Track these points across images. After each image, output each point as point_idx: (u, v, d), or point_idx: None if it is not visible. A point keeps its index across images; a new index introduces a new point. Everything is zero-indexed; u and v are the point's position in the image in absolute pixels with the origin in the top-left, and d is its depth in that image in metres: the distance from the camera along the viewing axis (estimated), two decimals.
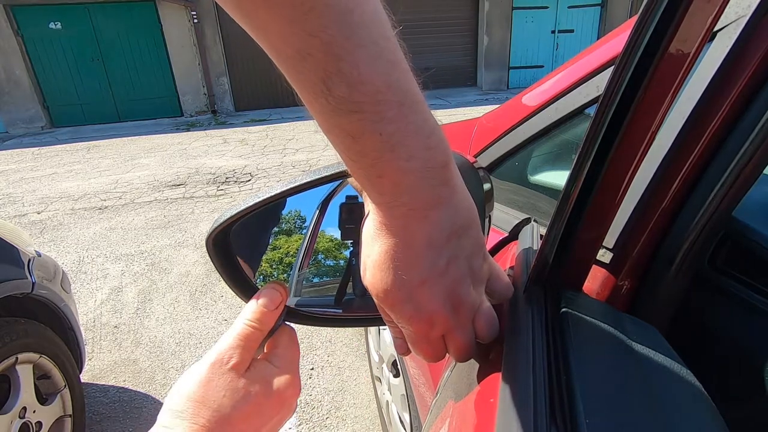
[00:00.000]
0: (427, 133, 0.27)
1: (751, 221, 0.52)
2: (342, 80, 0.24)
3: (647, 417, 0.28)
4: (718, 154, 0.45)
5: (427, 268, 0.30)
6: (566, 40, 11.23)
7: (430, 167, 0.28)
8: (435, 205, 0.29)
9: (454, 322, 0.33)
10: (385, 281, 0.31)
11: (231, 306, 2.76)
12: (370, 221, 0.31)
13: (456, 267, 0.31)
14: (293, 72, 0.25)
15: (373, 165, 0.27)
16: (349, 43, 0.24)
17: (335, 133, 0.27)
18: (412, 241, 0.30)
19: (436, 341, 0.34)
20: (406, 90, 0.26)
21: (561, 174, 0.93)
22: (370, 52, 0.24)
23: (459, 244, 0.31)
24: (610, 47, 0.74)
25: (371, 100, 0.25)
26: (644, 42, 0.29)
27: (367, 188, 0.29)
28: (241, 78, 10.11)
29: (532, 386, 0.30)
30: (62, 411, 1.69)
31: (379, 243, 0.31)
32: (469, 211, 0.32)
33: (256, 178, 5.34)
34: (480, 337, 0.35)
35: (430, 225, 0.29)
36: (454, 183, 0.30)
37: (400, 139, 0.26)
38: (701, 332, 0.54)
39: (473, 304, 0.33)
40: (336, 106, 0.25)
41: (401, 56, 0.27)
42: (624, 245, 0.50)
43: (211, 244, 0.44)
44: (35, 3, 8.65)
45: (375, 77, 0.25)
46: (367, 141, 0.26)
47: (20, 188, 5.45)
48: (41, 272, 1.64)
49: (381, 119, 0.25)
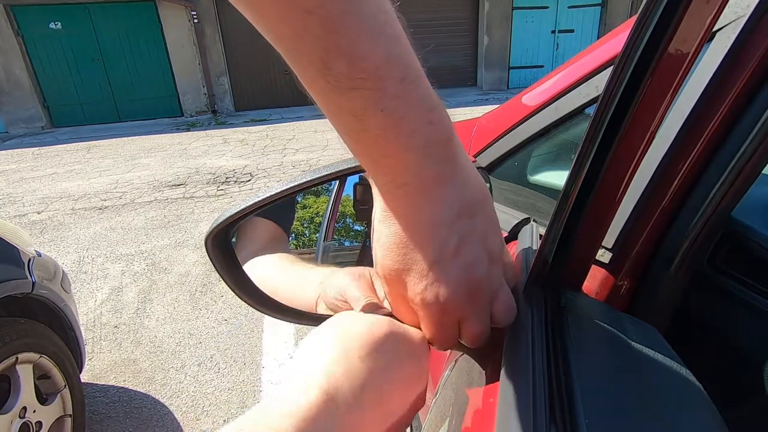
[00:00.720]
0: (429, 107, 0.27)
1: (750, 221, 0.52)
2: (341, 57, 0.23)
3: (647, 417, 0.28)
4: (717, 154, 0.45)
5: (438, 248, 0.29)
6: (566, 40, 11.23)
7: (433, 143, 0.27)
8: (440, 182, 0.28)
9: (470, 307, 0.31)
10: (395, 264, 0.30)
11: (231, 306, 2.76)
12: (377, 205, 0.30)
13: (469, 247, 0.30)
14: (291, 52, 0.25)
15: (376, 143, 0.26)
16: (348, 18, 0.23)
17: (336, 112, 0.26)
18: (419, 221, 0.29)
19: (450, 327, 0.32)
20: (407, 65, 0.26)
21: (560, 174, 0.93)
22: (369, 26, 0.24)
23: (471, 223, 0.30)
24: (610, 47, 0.74)
25: (372, 75, 0.24)
26: (643, 42, 0.29)
27: (371, 169, 0.28)
28: (241, 78, 10.10)
29: (532, 386, 0.30)
30: (62, 411, 1.69)
31: (386, 225, 0.30)
32: (478, 188, 0.30)
33: (256, 178, 5.34)
34: (496, 323, 0.33)
35: (436, 202, 0.28)
36: (459, 159, 0.29)
37: (402, 114, 0.26)
38: (701, 332, 0.54)
39: (491, 287, 0.32)
40: (336, 85, 0.24)
41: (401, 30, 0.26)
42: (623, 245, 0.50)
43: (210, 244, 0.44)
44: (35, 3, 8.64)
45: (375, 52, 0.24)
46: (369, 118, 0.25)
47: (20, 188, 5.45)
48: (41, 272, 1.64)
49: (382, 95, 0.25)
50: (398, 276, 0.31)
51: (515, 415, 0.28)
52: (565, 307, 0.39)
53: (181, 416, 2.01)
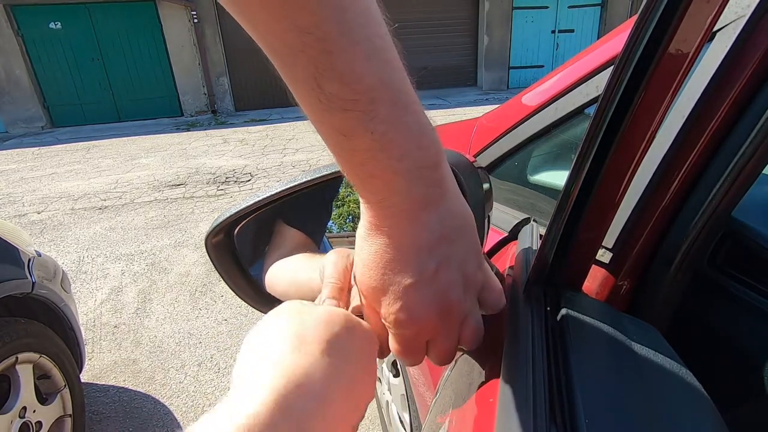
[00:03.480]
0: (419, 132, 0.27)
1: (750, 221, 0.52)
2: (335, 77, 0.24)
3: (647, 417, 0.28)
4: (717, 154, 0.45)
5: (417, 270, 0.29)
6: (566, 40, 11.23)
7: (422, 167, 0.27)
8: (425, 206, 0.29)
9: (441, 329, 0.32)
10: (374, 281, 0.31)
11: (231, 306, 2.75)
12: (362, 220, 0.31)
13: (446, 272, 0.30)
14: (286, 68, 0.25)
15: (364, 164, 0.27)
16: (344, 40, 0.23)
17: (326, 130, 0.26)
18: (402, 243, 0.29)
19: (418, 346, 0.33)
20: (399, 89, 0.26)
21: (561, 174, 0.93)
22: (364, 49, 0.24)
23: (450, 249, 0.30)
24: (610, 47, 0.74)
25: (364, 98, 0.24)
26: (644, 42, 0.29)
27: (359, 187, 0.29)
28: (241, 78, 10.10)
29: (532, 386, 0.30)
30: (62, 411, 1.69)
31: (368, 243, 0.30)
32: (461, 214, 0.31)
33: (256, 178, 5.34)
34: (463, 345, 0.34)
35: (419, 226, 0.29)
36: (446, 185, 0.30)
37: (392, 137, 0.26)
38: (701, 332, 0.54)
39: (463, 311, 0.32)
40: (328, 104, 0.24)
41: (395, 55, 0.26)
42: (623, 245, 0.50)
43: (210, 244, 0.44)
44: (35, 3, 8.64)
45: (368, 75, 0.24)
46: (358, 139, 0.25)
47: (20, 188, 5.45)
48: (41, 272, 1.64)
49: (373, 118, 0.25)
50: (374, 294, 0.31)
51: (515, 415, 0.28)
52: (565, 307, 0.39)
53: (181, 416, 2.00)
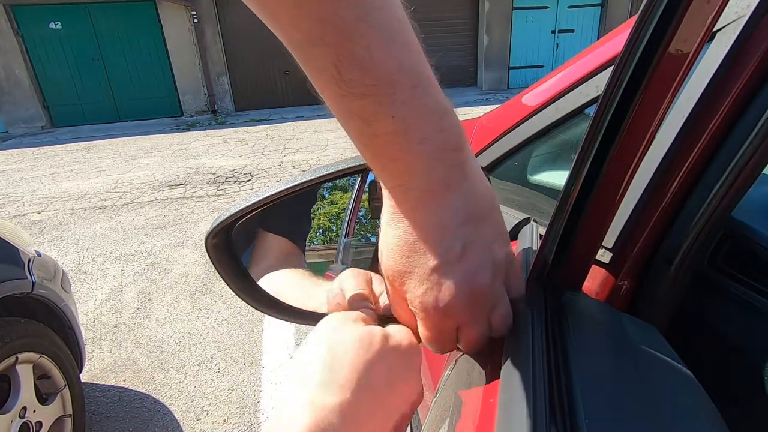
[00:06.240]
0: (440, 115, 0.27)
1: (750, 221, 0.52)
2: (354, 64, 0.24)
3: (647, 417, 0.28)
4: (717, 154, 0.45)
5: (442, 252, 0.29)
6: (566, 40, 11.23)
7: (443, 149, 0.27)
8: (448, 188, 0.28)
9: (469, 314, 0.31)
10: (398, 266, 0.30)
11: (231, 306, 2.76)
12: (385, 207, 0.31)
13: (474, 254, 0.30)
14: (304, 57, 0.25)
15: (386, 148, 0.26)
16: (362, 25, 0.23)
17: (347, 117, 0.26)
18: (426, 225, 0.29)
19: (448, 332, 0.32)
20: (419, 72, 0.26)
21: (561, 174, 0.93)
22: (382, 34, 0.24)
23: (476, 230, 0.30)
24: (610, 47, 0.74)
25: (384, 83, 0.24)
26: (644, 42, 0.29)
27: (380, 172, 0.29)
28: (241, 78, 10.10)
29: (532, 386, 0.30)
30: (62, 411, 1.69)
31: (393, 227, 0.30)
32: (487, 196, 0.30)
33: (256, 177, 5.34)
34: (494, 332, 0.33)
35: (443, 208, 0.28)
36: (469, 166, 0.29)
37: (412, 121, 0.26)
38: (701, 332, 0.54)
39: (492, 296, 0.32)
40: (348, 90, 0.24)
41: (414, 38, 0.26)
42: (623, 245, 0.50)
43: (210, 244, 0.44)
44: (35, 3, 8.64)
45: (388, 60, 0.24)
46: (379, 124, 0.25)
47: (20, 188, 5.45)
48: (41, 272, 1.64)
49: (393, 102, 0.25)
50: (400, 278, 0.31)
51: (515, 415, 0.28)
52: (565, 307, 0.39)
53: (181, 416, 2.00)
